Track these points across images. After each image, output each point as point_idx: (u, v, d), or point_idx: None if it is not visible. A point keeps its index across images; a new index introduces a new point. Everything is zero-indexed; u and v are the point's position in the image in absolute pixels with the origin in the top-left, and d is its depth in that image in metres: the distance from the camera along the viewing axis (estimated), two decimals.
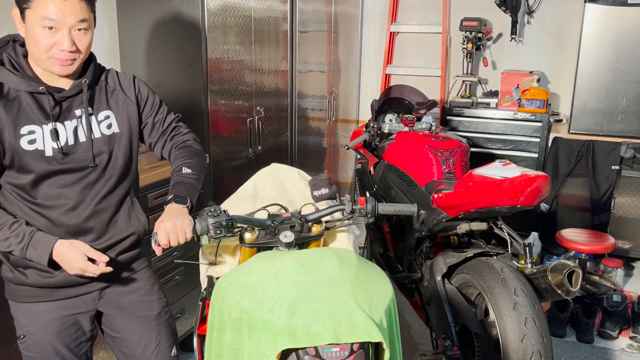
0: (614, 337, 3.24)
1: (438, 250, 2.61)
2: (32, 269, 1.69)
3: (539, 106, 4.08)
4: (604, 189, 3.95)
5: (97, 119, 1.71)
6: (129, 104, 1.78)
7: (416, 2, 4.75)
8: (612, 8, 3.88)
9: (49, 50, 1.54)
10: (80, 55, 1.60)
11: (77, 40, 1.57)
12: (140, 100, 1.81)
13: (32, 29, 1.53)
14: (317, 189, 1.88)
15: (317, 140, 4.26)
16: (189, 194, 1.72)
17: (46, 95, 1.60)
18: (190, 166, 1.79)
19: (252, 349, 1.35)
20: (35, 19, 1.51)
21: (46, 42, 1.53)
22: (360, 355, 1.32)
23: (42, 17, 1.50)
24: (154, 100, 1.85)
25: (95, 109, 1.71)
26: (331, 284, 1.41)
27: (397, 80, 4.73)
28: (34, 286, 1.71)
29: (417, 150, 2.79)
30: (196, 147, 1.88)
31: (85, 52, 1.61)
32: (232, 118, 3.13)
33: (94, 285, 1.78)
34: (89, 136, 1.67)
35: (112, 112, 1.74)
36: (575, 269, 2.05)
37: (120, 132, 1.75)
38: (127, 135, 1.77)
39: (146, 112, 1.83)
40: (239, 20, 3.07)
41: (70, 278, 1.70)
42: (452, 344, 2.27)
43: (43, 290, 1.72)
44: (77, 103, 1.67)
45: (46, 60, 1.57)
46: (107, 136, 1.72)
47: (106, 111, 1.73)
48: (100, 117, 1.72)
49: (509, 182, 2.21)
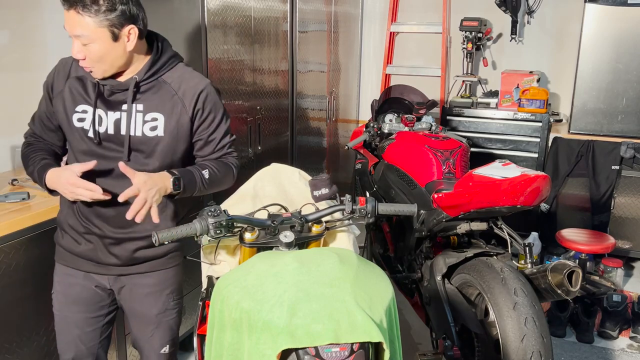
0: (614, 337, 3.24)
1: (438, 250, 2.61)
2: (68, 234, 1.87)
3: (539, 106, 4.08)
4: (604, 189, 3.95)
5: (143, 118, 1.76)
6: (183, 113, 1.79)
7: (416, 2, 4.75)
8: (612, 8, 3.88)
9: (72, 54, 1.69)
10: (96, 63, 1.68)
11: (85, 50, 1.66)
12: (200, 116, 1.82)
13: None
14: (317, 189, 1.88)
15: (317, 140, 4.26)
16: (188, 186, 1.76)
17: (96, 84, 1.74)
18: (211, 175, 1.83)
19: (252, 349, 1.35)
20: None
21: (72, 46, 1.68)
22: (360, 355, 1.32)
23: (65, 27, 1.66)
24: (214, 118, 1.85)
25: (146, 107, 1.76)
26: (331, 284, 1.41)
27: (397, 80, 4.73)
28: (65, 249, 1.90)
29: (417, 150, 2.79)
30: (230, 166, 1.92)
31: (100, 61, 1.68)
32: (232, 118, 3.10)
33: (111, 270, 1.89)
34: (127, 131, 1.74)
35: (162, 116, 1.76)
36: (575, 269, 2.05)
37: (164, 136, 1.77)
38: (170, 141, 1.78)
39: (202, 129, 1.84)
40: (239, 20, 3.07)
41: (91, 254, 1.86)
42: (452, 344, 2.27)
43: (71, 256, 1.90)
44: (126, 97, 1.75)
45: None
46: (149, 137, 1.76)
47: (156, 113, 1.76)
48: (147, 117, 1.76)
49: (509, 182, 2.21)
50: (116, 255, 1.86)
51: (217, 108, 1.86)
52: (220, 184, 1.90)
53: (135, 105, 1.75)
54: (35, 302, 2.11)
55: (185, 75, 1.82)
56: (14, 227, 2.00)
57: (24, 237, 2.04)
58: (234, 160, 1.94)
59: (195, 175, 1.80)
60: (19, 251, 2.02)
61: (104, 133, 1.76)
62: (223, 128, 1.88)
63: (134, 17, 1.68)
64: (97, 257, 1.86)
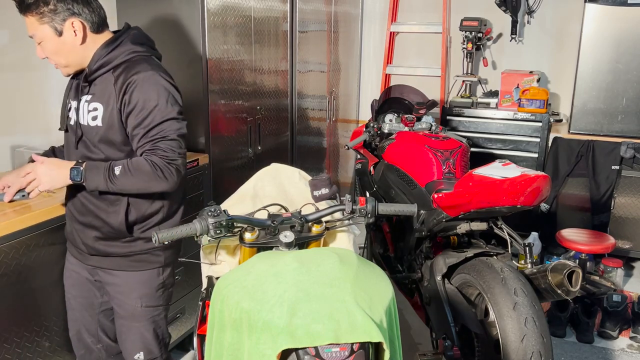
0: (614, 337, 3.24)
1: (438, 250, 2.61)
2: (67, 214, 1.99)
3: (539, 106, 4.08)
4: (604, 189, 3.95)
5: (88, 108, 1.82)
6: (115, 105, 1.79)
7: (416, 2, 4.75)
8: (612, 8, 3.88)
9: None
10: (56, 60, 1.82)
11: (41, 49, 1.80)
12: (126, 107, 1.76)
13: None
14: (317, 189, 1.88)
15: (317, 140, 4.26)
16: (90, 178, 1.74)
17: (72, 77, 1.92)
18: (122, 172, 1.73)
19: (252, 349, 1.34)
20: None
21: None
22: (360, 355, 1.32)
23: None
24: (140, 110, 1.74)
25: (92, 98, 1.83)
26: (331, 284, 1.41)
27: (397, 80, 4.73)
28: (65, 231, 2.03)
29: (417, 150, 2.79)
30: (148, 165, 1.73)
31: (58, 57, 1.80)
32: (232, 118, 3.13)
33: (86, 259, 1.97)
34: (76, 121, 1.86)
35: (101, 106, 1.81)
36: (575, 269, 2.05)
37: (102, 126, 1.82)
38: (105, 131, 1.81)
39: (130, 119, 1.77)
40: (239, 20, 3.06)
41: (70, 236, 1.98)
42: (452, 344, 2.27)
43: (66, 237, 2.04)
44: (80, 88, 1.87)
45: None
46: (91, 127, 1.83)
47: (97, 103, 1.81)
48: (90, 107, 1.82)
49: (509, 182, 2.21)
50: (82, 241, 1.94)
51: (146, 100, 1.74)
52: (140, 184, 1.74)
53: (86, 95, 1.84)
54: (36, 301, 2.10)
55: (130, 66, 1.78)
56: (14, 227, 2.00)
57: (24, 237, 2.03)
58: (159, 159, 1.73)
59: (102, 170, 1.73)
60: (18, 251, 2.02)
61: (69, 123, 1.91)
62: (151, 122, 1.74)
63: (76, 11, 1.75)
64: (74, 240, 1.97)
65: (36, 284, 2.09)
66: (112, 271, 1.95)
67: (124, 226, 1.87)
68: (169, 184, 1.76)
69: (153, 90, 1.76)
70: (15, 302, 2.04)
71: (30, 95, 2.68)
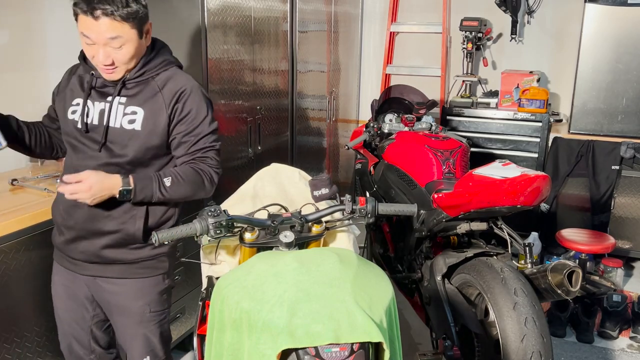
0: (614, 337, 3.24)
1: (438, 250, 2.61)
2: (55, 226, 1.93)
3: (539, 106, 4.08)
4: (604, 189, 3.95)
5: (124, 111, 1.79)
6: (162, 111, 1.80)
7: (416, 2, 4.75)
8: (612, 8, 3.88)
9: (92, 59, 1.75)
10: (121, 64, 1.74)
11: (113, 54, 1.71)
12: (178, 114, 1.81)
13: (81, 39, 1.72)
14: (317, 189, 1.88)
15: (317, 140, 4.26)
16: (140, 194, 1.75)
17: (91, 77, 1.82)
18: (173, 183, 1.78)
19: (252, 349, 1.34)
20: (80, 33, 1.70)
21: (89, 52, 1.73)
22: (360, 355, 1.32)
23: (81, 34, 1.69)
24: (192, 119, 1.81)
25: (128, 101, 1.79)
26: (331, 284, 1.41)
27: (397, 80, 4.73)
28: (53, 242, 1.96)
29: (417, 150, 2.79)
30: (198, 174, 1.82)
31: (125, 62, 1.74)
32: (232, 118, 3.13)
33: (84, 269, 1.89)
34: (107, 123, 1.79)
35: (142, 110, 1.79)
36: (575, 269, 2.05)
37: (140, 130, 1.78)
38: (145, 136, 1.79)
39: (179, 127, 1.82)
40: (239, 20, 3.06)
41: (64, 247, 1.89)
42: (452, 344, 2.27)
43: (55, 250, 1.96)
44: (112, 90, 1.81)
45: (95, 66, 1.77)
46: (126, 130, 1.78)
47: (137, 107, 1.79)
48: (127, 110, 1.79)
49: (509, 182, 2.21)
50: (84, 251, 1.85)
51: (199, 110, 1.82)
52: (187, 192, 1.82)
53: (119, 97, 1.80)
54: (34, 302, 2.11)
55: (175, 76, 1.84)
56: (13, 227, 2.00)
57: (24, 237, 2.03)
58: (208, 168, 1.84)
59: (153, 183, 1.76)
60: (18, 251, 2.02)
61: (90, 124, 1.81)
62: (201, 132, 1.83)
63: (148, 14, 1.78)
64: (69, 251, 1.89)
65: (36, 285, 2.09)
66: (116, 279, 1.89)
67: (140, 232, 1.84)
68: (211, 192, 1.90)
69: (203, 102, 1.85)
70: (15, 303, 2.04)
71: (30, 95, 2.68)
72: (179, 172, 1.81)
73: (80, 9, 1.64)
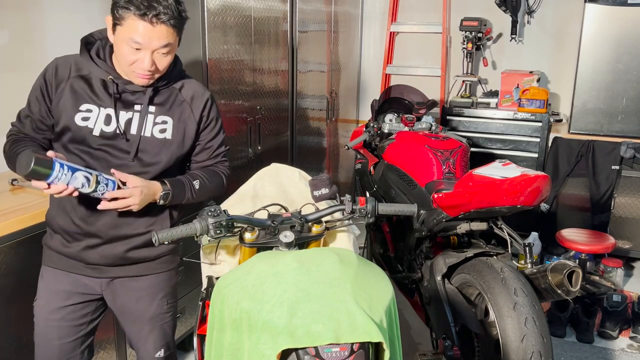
0: (614, 337, 3.24)
1: (438, 250, 2.61)
2: (57, 234, 1.83)
3: (539, 106, 4.08)
4: (604, 189, 3.95)
5: (154, 120, 1.79)
6: (191, 120, 1.85)
7: (416, 2, 4.75)
8: (612, 8, 3.88)
9: (131, 65, 1.68)
10: (160, 72, 1.73)
11: (158, 61, 1.69)
12: (204, 122, 1.88)
13: (119, 43, 1.66)
14: (317, 189, 1.88)
15: (317, 140, 4.26)
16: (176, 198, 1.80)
17: (112, 82, 1.74)
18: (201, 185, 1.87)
19: (252, 349, 1.34)
20: (123, 37, 1.64)
21: (130, 57, 1.67)
22: (360, 355, 1.32)
23: (129, 38, 1.63)
24: (214, 126, 1.92)
25: (157, 110, 1.80)
26: (331, 284, 1.41)
27: (397, 80, 4.73)
28: (54, 250, 1.85)
29: (417, 150, 2.79)
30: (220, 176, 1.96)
31: (164, 70, 1.74)
32: (232, 118, 3.13)
33: (104, 272, 1.86)
34: (139, 131, 1.76)
35: (171, 120, 1.81)
36: (575, 269, 2.05)
37: (171, 139, 1.81)
38: (175, 145, 1.82)
39: (204, 134, 1.90)
40: (239, 20, 3.06)
41: (80, 255, 1.82)
42: (452, 344, 2.27)
43: (60, 257, 1.85)
44: (140, 99, 1.77)
45: (128, 72, 1.71)
46: (157, 139, 1.79)
47: (166, 117, 1.81)
48: (158, 120, 1.79)
49: (509, 182, 2.21)
50: (107, 255, 1.83)
51: (218, 118, 1.93)
52: (210, 193, 1.92)
53: (150, 107, 1.79)
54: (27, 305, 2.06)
55: (192, 85, 1.89)
56: (13, 227, 2.00)
57: (23, 237, 2.03)
58: (225, 170, 1.98)
59: (185, 187, 1.82)
60: (8, 255, 2.00)
61: (112, 132, 1.75)
62: (220, 137, 1.95)
63: None
64: (87, 258, 1.83)
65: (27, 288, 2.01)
66: (138, 277, 1.90)
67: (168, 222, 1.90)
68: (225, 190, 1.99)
69: (217, 110, 1.95)
70: (6, 306, 2.03)
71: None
72: (204, 175, 1.89)
73: (135, 13, 1.59)
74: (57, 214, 1.83)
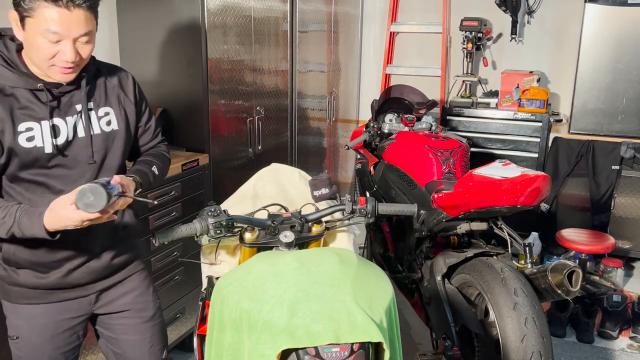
0: (614, 337, 3.24)
1: (438, 250, 2.61)
2: (26, 269, 1.65)
3: (539, 106, 4.08)
4: (604, 189, 3.95)
5: (97, 115, 1.67)
6: (128, 103, 1.75)
7: (416, 2, 4.75)
8: (612, 8, 3.88)
9: (51, 59, 1.50)
10: (83, 62, 1.57)
11: (80, 50, 1.52)
12: (139, 101, 1.80)
13: (33, 38, 1.47)
14: (317, 189, 1.88)
15: (317, 140, 4.26)
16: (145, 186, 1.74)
17: (44, 91, 1.55)
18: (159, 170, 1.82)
19: (252, 349, 1.35)
20: (37, 29, 1.45)
21: (49, 51, 1.48)
22: (360, 355, 1.32)
23: (45, 30, 1.44)
24: (146, 105, 1.85)
25: (95, 104, 1.67)
26: (331, 284, 1.41)
27: (397, 80, 4.73)
28: (26, 287, 1.67)
29: (417, 150, 2.79)
30: (168, 157, 1.93)
31: (87, 59, 1.58)
32: (232, 118, 3.13)
33: (90, 289, 1.76)
34: (88, 132, 1.63)
35: (111, 109, 1.71)
36: (575, 269, 2.05)
37: (119, 129, 1.71)
38: (124, 133, 1.73)
39: (142, 115, 1.83)
40: (239, 20, 3.06)
41: (64, 280, 1.69)
42: (452, 344, 2.27)
43: (36, 292, 1.69)
44: (76, 98, 1.62)
45: (47, 68, 1.52)
46: (107, 133, 1.68)
47: (106, 107, 1.69)
48: (100, 113, 1.68)
49: (509, 182, 2.21)
50: (92, 270, 1.73)
51: (144, 96, 1.85)
52: (163, 176, 1.90)
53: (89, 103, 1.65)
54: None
55: (108, 67, 1.75)
56: None
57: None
58: (167, 149, 1.95)
59: (148, 176, 1.76)
60: None
61: (65, 142, 1.59)
62: (152, 116, 1.89)
63: None
64: (72, 281, 1.70)
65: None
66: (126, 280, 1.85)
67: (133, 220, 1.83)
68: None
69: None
70: None
71: None
72: (156, 160, 1.84)
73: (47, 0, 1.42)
74: (17, 249, 1.62)
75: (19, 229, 1.48)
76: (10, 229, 1.49)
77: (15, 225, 1.48)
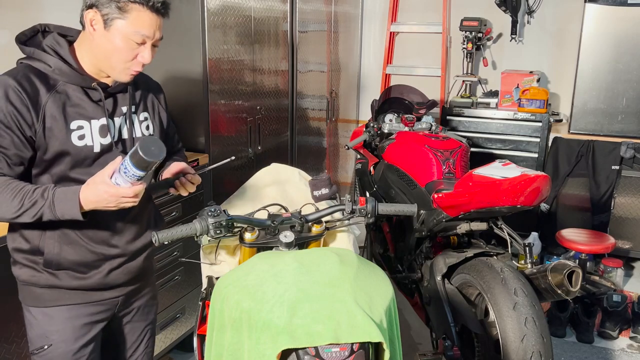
0: (614, 337, 3.24)
1: (438, 250, 2.61)
2: (66, 270, 1.62)
3: (539, 106, 4.08)
4: (604, 189, 3.96)
5: (138, 119, 1.70)
6: (160, 110, 1.80)
7: (416, 2, 4.75)
8: (612, 8, 3.88)
9: (129, 62, 1.54)
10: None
11: (153, 53, 1.57)
12: (167, 108, 1.84)
13: (114, 39, 1.50)
14: (317, 189, 1.88)
15: (317, 140, 4.26)
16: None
17: (98, 90, 1.57)
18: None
19: (252, 349, 1.34)
20: (127, 31, 1.49)
21: (130, 53, 1.52)
22: (360, 355, 1.32)
23: (135, 32, 1.49)
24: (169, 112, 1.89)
25: (137, 108, 1.71)
26: (331, 284, 1.41)
27: (397, 80, 4.73)
28: (66, 288, 1.64)
29: (417, 150, 2.79)
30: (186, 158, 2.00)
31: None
32: (232, 118, 3.13)
33: (124, 290, 1.77)
34: (130, 134, 1.66)
35: (149, 114, 1.75)
36: (575, 269, 2.05)
37: (154, 134, 1.75)
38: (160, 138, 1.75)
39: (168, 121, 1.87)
40: (239, 20, 3.07)
41: (104, 281, 1.68)
42: (452, 344, 2.27)
43: (77, 293, 1.66)
44: (121, 101, 1.65)
45: (122, 69, 1.55)
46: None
47: (145, 112, 1.74)
48: (141, 117, 1.71)
49: (509, 182, 2.21)
50: (130, 270, 1.74)
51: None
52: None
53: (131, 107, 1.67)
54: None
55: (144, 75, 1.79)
56: None
57: None
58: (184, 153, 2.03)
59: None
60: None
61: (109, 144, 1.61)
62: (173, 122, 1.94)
63: None
64: (111, 281, 1.70)
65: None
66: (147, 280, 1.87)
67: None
68: None
69: None
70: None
71: None
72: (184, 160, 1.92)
73: (144, 4, 1.48)
74: (63, 250, 1.61)
75: (51, 206, 1.45)
76: (41, 210, 1.46)
77: (48, 204, 1.45)
